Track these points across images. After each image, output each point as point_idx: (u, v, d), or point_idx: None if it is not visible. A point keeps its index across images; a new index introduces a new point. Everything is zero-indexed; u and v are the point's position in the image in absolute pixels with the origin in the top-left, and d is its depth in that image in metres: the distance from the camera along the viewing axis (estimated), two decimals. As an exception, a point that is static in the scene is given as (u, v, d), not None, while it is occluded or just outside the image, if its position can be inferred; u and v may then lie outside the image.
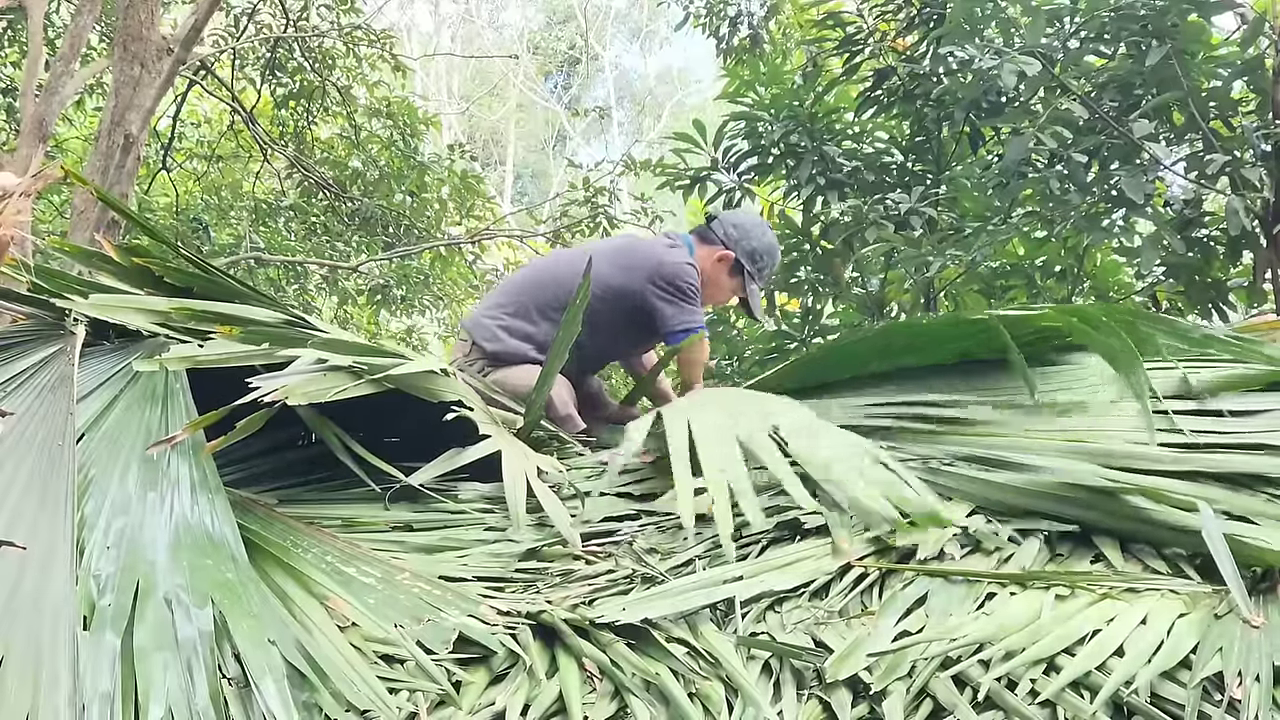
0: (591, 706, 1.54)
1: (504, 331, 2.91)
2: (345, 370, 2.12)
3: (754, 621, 1.74)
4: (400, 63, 9.44)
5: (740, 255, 3.06)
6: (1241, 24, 4.24)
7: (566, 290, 2.81)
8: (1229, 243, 4.27)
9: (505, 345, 2.90)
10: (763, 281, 3.17)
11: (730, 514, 1.78)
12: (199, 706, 1.43)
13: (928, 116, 5.18)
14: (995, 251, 4.76)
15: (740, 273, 3.08)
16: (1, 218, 2.15)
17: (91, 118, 9.77)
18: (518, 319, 2.93)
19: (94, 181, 5.82)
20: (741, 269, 3.07)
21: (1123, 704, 1.46)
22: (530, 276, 3.08)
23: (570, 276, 2.87)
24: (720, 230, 3.10)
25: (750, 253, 3.07)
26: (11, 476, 1.75)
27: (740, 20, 6.79)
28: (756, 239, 3.10)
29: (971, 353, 2.45)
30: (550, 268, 3.08)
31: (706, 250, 3.08)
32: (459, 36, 28.19)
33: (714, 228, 3.12)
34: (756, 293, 3.13)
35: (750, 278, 3.08)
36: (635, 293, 2.92)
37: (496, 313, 2.96)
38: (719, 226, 3.11)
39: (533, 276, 3.07)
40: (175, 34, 6.48)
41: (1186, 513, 1.82)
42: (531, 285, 3.00)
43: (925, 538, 1.90)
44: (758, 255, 3.08)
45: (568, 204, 8.79)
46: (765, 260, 3.11)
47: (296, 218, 9.47)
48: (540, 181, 27.62)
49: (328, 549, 1.94)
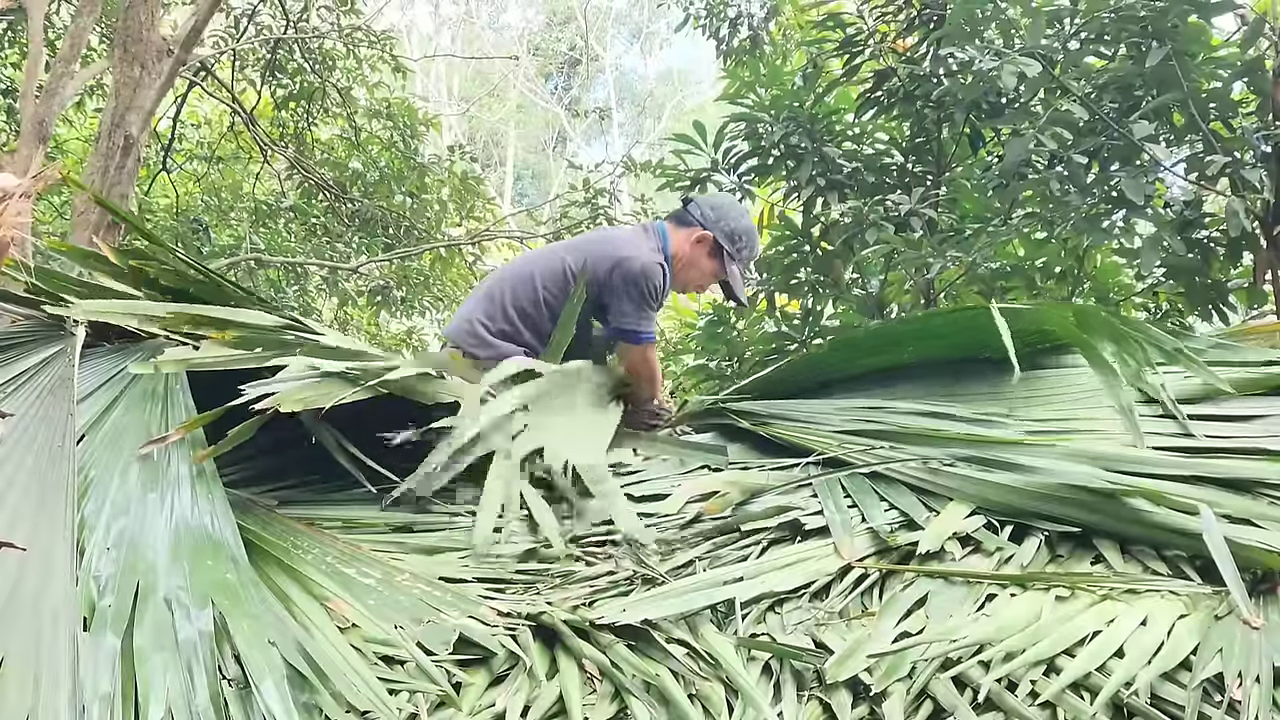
0: (592, 708, 1.54)
1: (489, 334, 2.92)
2: (338, 376, 2.11)
3: (754, 622, 1.74)
4: (400, 64, 9.44)
5: (719, 236, 3.02)
6: (1242, 25, 4.23)
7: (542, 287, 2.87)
8: (1229, 244, 4.26)
9: (495, 349, 2.90)
10: (743, 264, 3.10)
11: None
12: (199, 707, 1.43)
13: (928, 118, 5.18)
14: (995, 253, 4.76)
15: (720, 255, 3.04)
16: (2, 219, 2.15)
17: (92, 119, 9.77)
18: (499, 321, 2.93)
19: (94, 182, 5.83)
20: (721, 250, 3.03)
21: (1123, 705, 1.46)
22: (505, 278, 3.05)
23: (545, 274, 2.90)
24: (697, 212, 3.07)
25: (729, 233, 3.03)
26: (12, 477, 1.75)
27: (740, 21, 6.78)
28: (734, 220, 3.06)
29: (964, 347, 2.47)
30: (523, 267, 3.06)
31: (684, 233, 3.04)
32: (459, 38, 28.20)
33: (690, 210, 3.09)
34: (738, 275, 3.07)
35: (730, 259, 3.04)
36: (599, 282, 2.89)
37: (478, 318, 2.97)
38: (695, 209, 3.09)
39: (508, 278, 3.04)
40: (175, 35, 6.48)
41: (1187, 515, 1.82)
42: (508, 287, 2.98)
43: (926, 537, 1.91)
44: (737, 236, 3.04)
45: (568, 205, 8.78)
46: (744, 241, 3.06)
47: (296, 219, 9.47)
48: (540, 182, 27.63)
49: (328, 550, 1.94)
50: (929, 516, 2.01)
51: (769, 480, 2.19)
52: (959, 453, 2.15)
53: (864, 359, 2.63)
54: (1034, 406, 2.34)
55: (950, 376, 2.52)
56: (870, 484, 2.14)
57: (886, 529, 1.98)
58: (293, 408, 1.96)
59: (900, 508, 2.04)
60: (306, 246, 9.46)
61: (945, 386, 2.48)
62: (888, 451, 2.23)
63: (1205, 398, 2.24)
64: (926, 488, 2.10)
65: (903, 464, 2.16)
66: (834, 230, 5.28)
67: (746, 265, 3.00)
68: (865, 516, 2.03)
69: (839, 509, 2.04)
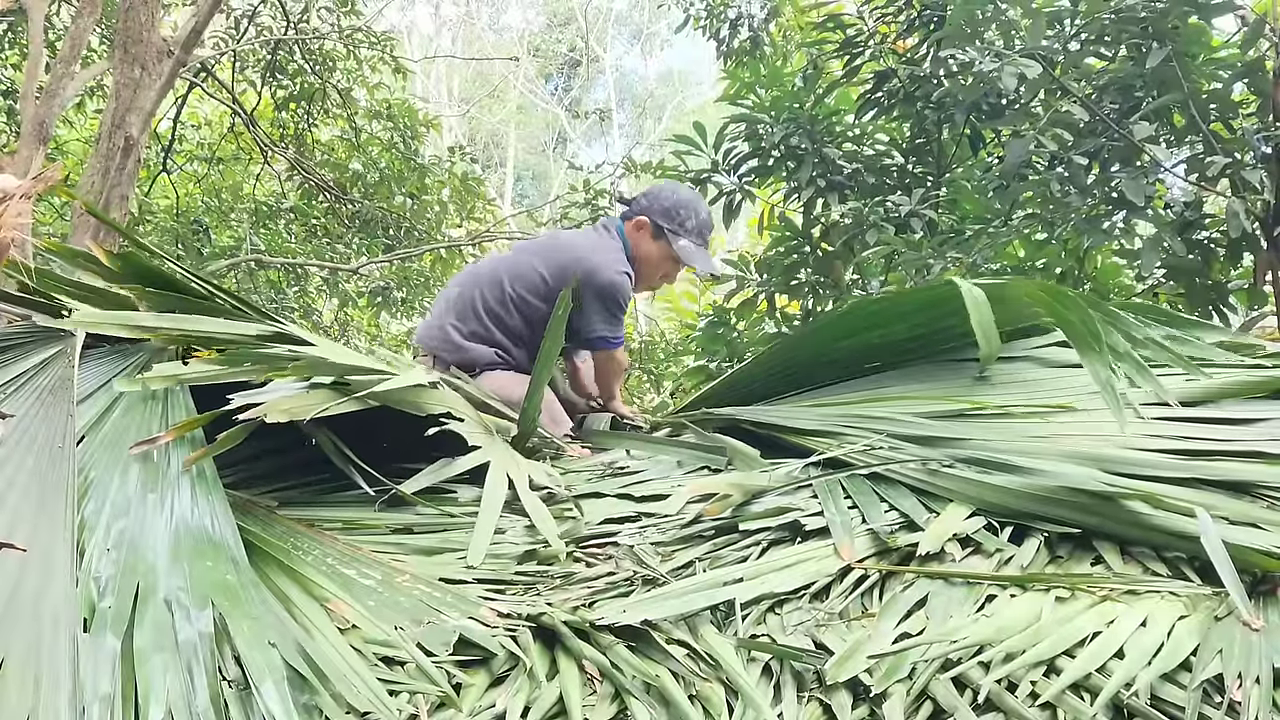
0: (592, 709, 1.54)
1: (461, 337, 2.97)
2: (328, 387, 2.11)
3: (754, 623, 1.74)
4: (400, 65, 9.45)
5: (655, 216, 3.05)
6: (1242, 26, 4.23)
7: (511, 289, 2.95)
8: (1229, 245, 4.26)
9: (468, 353, 2.95)
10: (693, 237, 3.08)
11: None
12: (199, 709, 1.43)
13: (928, 119, 5.19)
14: (996, 254, 4.76)
15: (662, 234, 3.06)
16: (2, 220, 2.15)
17: (92, 120, 9.77)
18: (470, 323, 2.98)
19: (94, 183, 5.83)
20: (661, 230, 3.05)
21: (1123, 706, 1.46)
22: (473, 282, 3.08)
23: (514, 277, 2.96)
24: (635, 206, 3.14)
25: (664, 211, 3.04)
26: (12, 478, 1.75)
27: (740, 22, 6.79)
28: (666, 197, 3.09)
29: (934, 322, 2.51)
30: (491, 272, 3.09)
31: (631, 226, 3.10)
32: (459, 39, 28.20)
33: (632, 206, 3.16)
34: (690, 248, 3.05)
35: (675, 234, 3.05)
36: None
37: (450, 322, 3.00)
38: (635, 204, 3.16)
39: (477, 281, 3.07)
40: (176, 36, 6.48)
41: (1186, 518, 1.82)
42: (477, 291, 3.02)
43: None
44: (672, 211, 3.05)
45: (568, 206, 8.78)
46: (684, 213, 3.06)
47: (297, 220, 9.48)
48: (541, 183, 27.63)
49: (328, 551, 1.94)
50: (929, 518, 2.01)
51: (769, 481, 2.19)
52: (958, 454, 2.16)
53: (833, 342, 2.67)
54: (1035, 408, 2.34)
55: (953, 376, 2.54)
56: (870, 485, 2.14)
57: (887, 530, 1.98)
58: (278, 418, 1.96)
59: (900, 509, 2.05)
60: (307, 247, 9.46)
61: (946, 387, 2.49)
62: (888, 452, 2.23)
63: (1205, 400, 2.24)
64: (927, 489, 2.10)
65: (903, 465, 2.16)
66: (834, 231, 5.28)
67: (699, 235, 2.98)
68: (865, 517, 2.03)
69: (839, 510, 2.04)
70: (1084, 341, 2.18)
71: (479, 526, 2.04)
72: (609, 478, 2.44)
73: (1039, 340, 2.58)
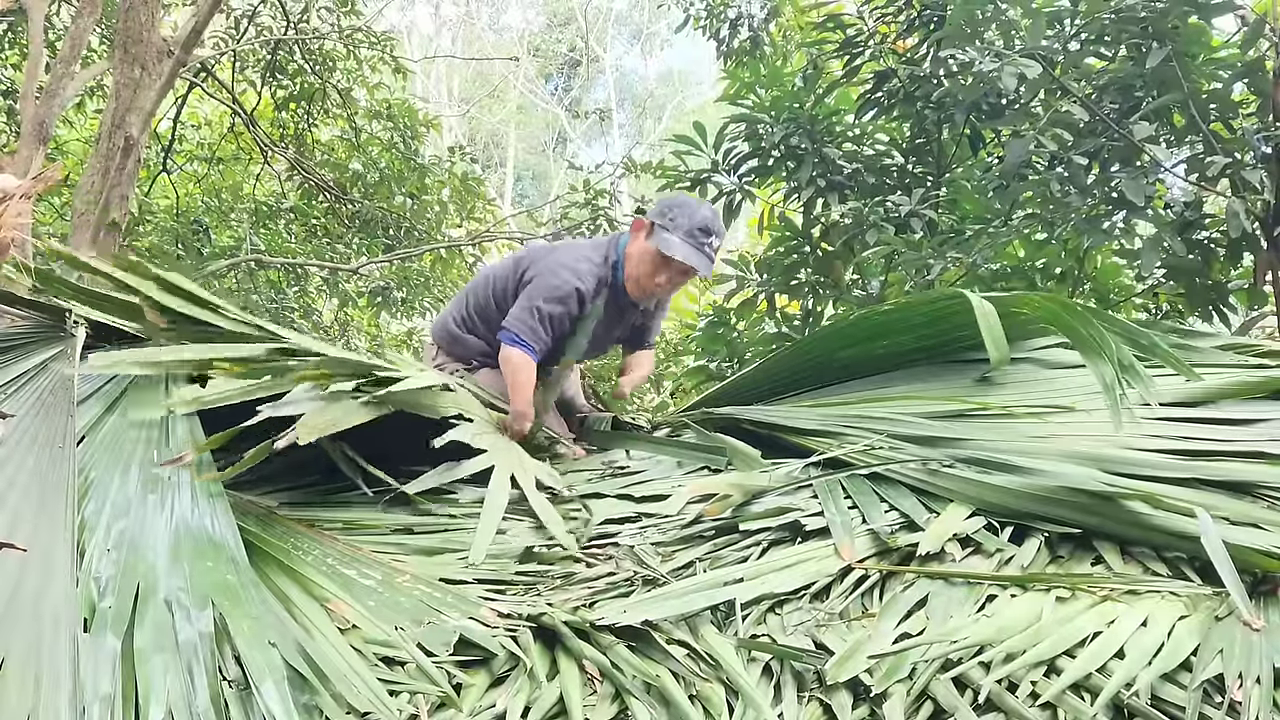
0: (592, 709, 1.54)
1: (460, 330, 3.17)
2: (348, 396, 2.12)
3: (755, 623, 1.74)
4: (400, 65, 9.44)
5: (651, 216, 3.07)
6: (1242, 26, 4.23)
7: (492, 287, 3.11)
8: (1229, 245, 4.26)
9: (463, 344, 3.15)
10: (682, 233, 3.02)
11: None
12: (199, 709, 1.43)
13: (928, 119, 5.18)
14: (995, 254, 4.75)
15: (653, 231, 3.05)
16: (2, 220, 2.15)
17: (92, 120, 9.77)
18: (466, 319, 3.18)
19: (94, 184, 5.83)
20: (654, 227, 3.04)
21: (1123, 706, 1.46)
22: (473, 283, 3.32)
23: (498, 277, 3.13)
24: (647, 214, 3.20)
25: (660, 210, 3.06)
26: (12, 479, 1.75)
27: (740, 22, 6.78)
28: (668, 200, 3.14)
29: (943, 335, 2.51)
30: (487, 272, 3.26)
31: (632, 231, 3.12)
32: (459, 39, 28.20)
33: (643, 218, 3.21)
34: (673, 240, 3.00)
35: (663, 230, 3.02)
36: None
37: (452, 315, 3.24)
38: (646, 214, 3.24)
39: (475, 283, 3.29)
40: (175, 36, 6.48)
41: (1186, 518, 1.82)
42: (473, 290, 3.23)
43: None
44: (666, 209, 3.05)
45: (568, 206, 8.77)
46: (677, 211, 3.05)
47: (297, 220, 9.47)
48: (541, 183, 27.62)
49: (328, 551, 1.94)
50: (929, 518, 2.01)
51: (769, 481, 2.19)
52: (959, 454, 2.16)
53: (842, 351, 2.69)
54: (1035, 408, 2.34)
55: (953, 376, 2.54)
56: (871, 485, 2.14)
57: (887, 530, 1.98)
58: (309, 438, 1.96)
59: (901, 509, 2.05)
60: (307, 247, 9.45)
61: (946, 387, 2.49)
62: (888, 453, 2.23)
63: (1205, 400, 2.24)
64: (927, 489, 2.10)
65: (903, 465, 2.17)
66: (834, 231, 5.28)
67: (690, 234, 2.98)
68: (866, 518, 2.03)
69: (839, 510, 2.04)
70: (1095, 353, 2.18)
71: (482, 526, 2.05)
72: (609, 478, 2.45)
73: (1040, 341, 2.58)
